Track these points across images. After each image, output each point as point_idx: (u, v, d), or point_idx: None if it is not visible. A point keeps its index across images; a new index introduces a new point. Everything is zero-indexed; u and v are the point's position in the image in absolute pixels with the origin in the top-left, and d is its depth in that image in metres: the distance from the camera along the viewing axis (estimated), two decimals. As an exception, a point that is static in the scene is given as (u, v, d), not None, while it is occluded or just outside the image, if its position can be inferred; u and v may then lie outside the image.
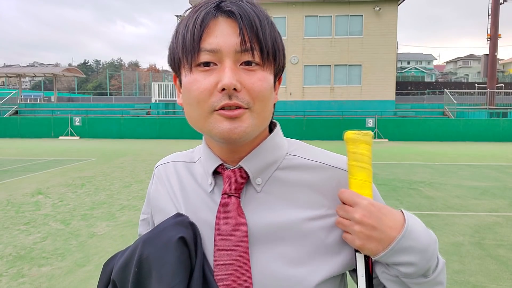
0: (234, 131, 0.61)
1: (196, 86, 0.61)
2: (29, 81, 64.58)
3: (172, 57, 0.65)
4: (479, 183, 7.77)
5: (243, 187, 0.67)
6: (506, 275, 3.43)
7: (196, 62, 0.61)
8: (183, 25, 0.63)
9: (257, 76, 0.61)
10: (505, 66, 58.26)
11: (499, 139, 19.47)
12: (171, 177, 0.77)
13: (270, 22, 0.64)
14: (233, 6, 0.61)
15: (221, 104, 0.60)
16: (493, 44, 22.86)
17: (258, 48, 0.61)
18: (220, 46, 0.60)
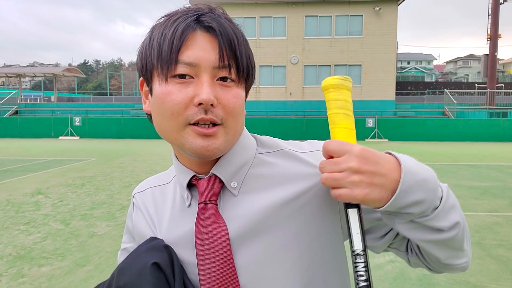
0: (208, 148, 0.61)
1: (170, 98, 0.60)
2: (29, 81, 64.60)
3: (144, 63, 0.64)
4: (479, 183, 7.77)
5: (219, 193, 0.67)
6: (506, 275, 3.43)
7: (172, 73, 0.60)
8: (158, 33, 0.62)
9: (232, 93, 0.62)
10: (505, 66, 58.28)
11: (499, 139, 19.47)
12: (148, 204, 0.76)
13: (245, 40, 0.66)
14: (213, 22, 0.61)
15: (196, 118, 0.60)
16: (493, 44, 22.87)
17: (235, 66, 0.62)
18: (198, 60, 0.60)
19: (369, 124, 20.25)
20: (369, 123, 20.25)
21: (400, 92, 30.44)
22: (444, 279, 3.32)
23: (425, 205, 0.57)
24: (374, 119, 20.29)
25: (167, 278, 0.61)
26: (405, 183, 0.56)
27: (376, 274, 3.45)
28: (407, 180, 0.56)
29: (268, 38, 22.80)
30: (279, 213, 0.65)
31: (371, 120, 20.28)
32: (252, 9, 22.55)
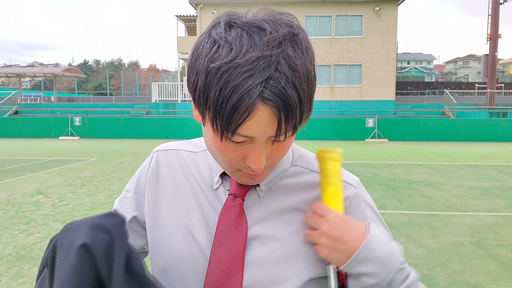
0: (252, 183, 0.68)
1: (225, 154, 0.62)
2: (29, 81, 64.58)
3: (199, 95, 0.57)
4: (479, 183, 7.77)
5: (248, 190, 0.71)
6: (506, 275, 3.43)
7: (228, 138, 0.58)
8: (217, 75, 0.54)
9: (283, 146, 0.63)
10: (505, 66, 58.27)
11: (499, 139, 19.46)
12: (173, 165, 0.78)
13: (310, 82, 0.58)
14: (276, 95, 0.54)
15: (246, 172, 0.64)
16: (493, 44, 22.86)
17: (292, 128, 0.58)
18: (255, 134, 0.57)
19: (369, 124, 20.25)
20: (369, 123, 20.25)
21: (400, 92, 30.42)
22: (444, 279, 3.32)
23: (376, 279, 0.63)
24: (374, 119, 20.28)
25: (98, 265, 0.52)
26: (360, 254, 0.62)
27: (376, 274, 3.44)
28: (363, 252, 0.62)
29: (268, 38, 22.78)
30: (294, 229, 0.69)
31: (371, 120, 20.28)
32: (251, 9, 22.54)
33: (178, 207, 0.73)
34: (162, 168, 0.78)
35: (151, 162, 0.80)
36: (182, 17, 24.33)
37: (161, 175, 0.78)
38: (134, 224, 0.80)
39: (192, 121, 20.78)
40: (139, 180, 0.81)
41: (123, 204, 0.82)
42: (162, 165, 0.79)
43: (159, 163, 0.79)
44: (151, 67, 71.75)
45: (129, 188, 0.82)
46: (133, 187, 0.81)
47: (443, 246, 4.15)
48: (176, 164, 0.78)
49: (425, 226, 4.89)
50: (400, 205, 6.00)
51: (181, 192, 0.74)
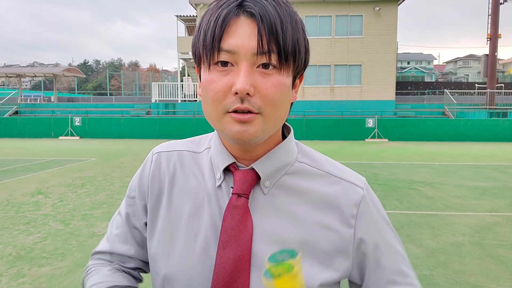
0: (243, 134, 0.62)
1: (212, 86, 0.62)
2: (29, 81, 64.58)
3: (193, 51, 0.66)
4: (479, 183, 7.77)
5: (252, 187, 0.68)
6: (506, 275, 3.43)
7: (215, 61, 0.61)
8: (205, 21, 0.63)
9: (272, 81, 0.61)
10: (505, 66, 58.26)
11: (499, 139, 19.46)
12: (175, 168, 0.75)
13: (295, 22, 0.63)
14: (255, 6, 0.60)
15: (233, 107, 0.61)
16: (493, 44, 22.86)
17: (276, 51, 0.60)
18: (237, 48, 0.59)
19: (369, 124, 20.25)
20: (369, 123, 20.25)
21: (400, 92, 30.42)
22: (444, 279, 3.32)
23: None
24: (374, 119, 20.28)
25: None
26: None
27: (376, 274, 3.44)
28: None
29: (268, 38, 22.78)
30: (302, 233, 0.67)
31: (371, 120, 20.28)
32: None
33: (183, 211, 0.71)
34: (163, 171, 0.75)
35: (151, 165, 0.77)
36: (182, 17, 24.33)
37: (162, 178, 0.75)
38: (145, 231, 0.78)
39: (192, 121, 20.80)
40: (140, 184, 0.77)
41: (133, 210, 0.78)
42: (163, 168, 0.76)
43: (161, 165, 0.76)
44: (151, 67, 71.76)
45: (133, 195, 0.79)
46: (137, 193, 0.78)
47: (443, 246, 4.15)
48: (179, 166, 0.75)
49: (425, 226, 4.89)
50: (400, 205, 6.00)
51: (185, 195, 0.72)
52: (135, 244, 0.78)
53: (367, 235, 0.69)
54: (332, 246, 0.67)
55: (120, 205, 0.83)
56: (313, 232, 0.67)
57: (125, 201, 0.80)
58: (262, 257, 0.64)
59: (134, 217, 0.78)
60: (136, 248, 0.78)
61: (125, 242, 0.78)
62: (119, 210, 0.82)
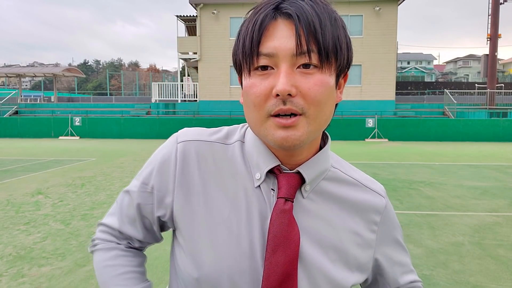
0: (288, 140, 0.61)
1: (253, 91, 0.61)
2: (29, 81, 64.59)
3: (234, 59, 0.66)
4: (479, 183, 7.77)
5: (296, 190, 0.68)
6: (506, 275, 3.43)
7: (254, 66, 0.61)
8: (245, 28, 0.63)
9: (314, 80, 0.60)
10: (505, 66, 58.26)
11: (499, 139, 19.47)
12: (206, 160, 0.70)
13: (334, 19, 0.62)
14: (292, 6, 0.59)
15: (275, 109, 0.59)
16: (493, 44, 22.86)
17: (316, 50, 0.59)
18: (276, 50, 0.59)
19: (369, 124, 20.25)
20: (369, 123, 20.25)
21: (400, 92, 30.43)
22: (444, 279, 3.32)
23: None
24: (374, 119, 20.28)
25: None
26: None
27: (376, 274, 3.44)
28: None
29: (268, 38, 22.79)
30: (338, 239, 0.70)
31: (371, 120, 20.28)
32: (252, 9, 22.55)
33: (222, 211, 0.68)
34: (193, 164, 0.70)
35: (177, 155, 0.70)
36: (182, 17, 24.33)
37: (193, 172, 0.70)
38: (156, 225, 0.75)
39: (192, 121, 20.80)
40: (161, 175, 0.71)
41: (145, 199, 0.73)
42: (193, 160, 0.70)
43: (190, 157, 0.70)
44: (151, 67, 71.73)
45: (147, 182, 0.72)
46: (155, 182, 0.71)
47: (443, 246, 4.15)
48: (211, 160, 0.70)
49: (425, 226, 4.89)
50: (400, 205, 6.00)
51: (222, 194, 0.69)
52: (144, 230, 0.76)
53: (386, 239, 0.77)
54: (360, 251, 0.72)
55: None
56: (346, 237, 0.70)
57: (139, 186, 0.74)
58: (306, 258, 0.67)
59: (145, 208, 0.73)
60: (144, 233, 0.77)
61: (134, 226, 0.76)
62: (128, 190, 0.76)
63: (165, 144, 0.74)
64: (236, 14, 22.44)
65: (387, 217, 0.76)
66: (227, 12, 22.52)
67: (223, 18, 22.56)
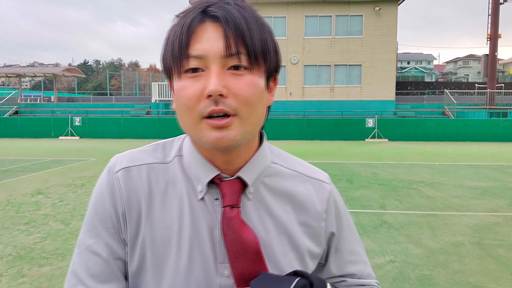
0: (223, 140, 0.61)
1: (184, 93, 0.61)
2: (29, 81, 64.59)
3: (164, 64, 0.66)
4: (479, 183, 7.77)
5: (239, 197, 0.68)
6: (506, 275, 3.43)
7: (184, 69, 0.61)
8: (173, 32, 0.63)
9: (245, 81, 0.61)
10: (505, 66, 58.26)
11: (499, 139, 19.47)
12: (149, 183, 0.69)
13: (260, 23, 0.64)
14: (219, 10, 0.61)
15: (208, 110, 0.60)
16: (493, 44, 22.86)
17: (245, 52, 0.60)
18: (206, 52, 0.60)
19: (369, 124, 20.25)
20: (369, 123, 20.25)
21: (400, 92, 30.41)
22: (444, 279, 3.32)
23: None
24: (374, 119, 20.28)
25: None
26: None
27: (376, 274, 3.44)
28: None
29: (268, 38, 22.78)
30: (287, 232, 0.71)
31: (371, 120, 20.28)
32: (252, 9, 22.54)
33: (170, 230, 0.66)
34: (137, 189, 0.68)
35: (120, 184, 0.68)
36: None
37: (139, 197, 0.68)
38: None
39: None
40: (105, 211, 0.67)
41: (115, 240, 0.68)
42: (137, 185, 0.68)
43: (133, 182, 0.68)
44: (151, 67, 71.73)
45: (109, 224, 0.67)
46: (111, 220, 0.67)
47: (443, 246, 4.15)
48: (153, 182, 0.69)
49: (425, 226, 4.89)
50: (400, 205, 6.00)
51: (167, 213, 0.67)
52: (121, 278, 0.69)
53: (335, 225, 0.76)
54: (311, 240, 0.73)
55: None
56: (296, 229, 0.71)
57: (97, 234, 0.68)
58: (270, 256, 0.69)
59: (116, 247, 0.68)
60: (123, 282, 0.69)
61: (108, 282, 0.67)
62: (89, 248, 0.67)
63: (101, 179, 0.70)
64: (236, 14, 22.43)
65: (333, 204, 0.76)
66: (227, 12, 22.52)
67: (223, 18, 22.57)
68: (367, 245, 4.17)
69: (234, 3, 0.62)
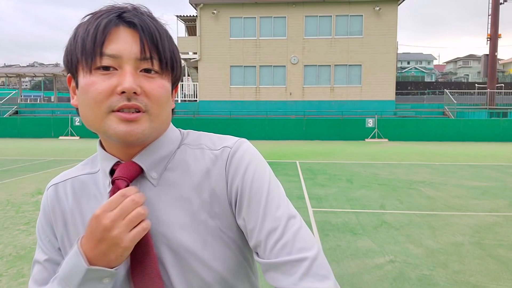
0: (131, 133, 0.64)
1: (94, 88, 0.63)
2: (29, 81, 64.56)
3: (69, 58, 0.67)
4: (479, 183, 7.77)
5: (135, 176, 0.69)
6: (506, 275, 3.43)
7: (96, 65, 0.63)
8: (83, 29, 0.65)
9: (157, 83, 0.66)
10: (505, 66, 58.25)
11: (499, 139, 19.46)
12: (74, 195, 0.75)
13: (169, 37, 0.69)
14: (135, 18, 0.65)
15: (119, 104, 0.62)
16: (493, 44, 22.86)
17: (157, 58, 0.65)
18: (121, 52, 0.63)
19: (369, 124, 20.25)
20: (369, 123, 20.25)
21: (400, 92, 30.43)
22: (444, 279, 3.32)
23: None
24: (374, 119, 20.28)
25: None
26: None
27: (376, 274, 3.44)
28: None
29: (268, 38, 22.80)
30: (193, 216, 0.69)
31: (371, 120, 20.27)
32: (252, 9, 22.55)
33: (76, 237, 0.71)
34: (63, 202, 0.75)
35: (48, 200, 0.76)
36: (182, 17, 24.33)
37: (63, 209, 0.74)
38: None
39: (192, 121, 20.80)
40: (44, 223, 0.76)
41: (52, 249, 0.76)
42: (62, 198, 0.75)
43: (58, 196, 0.76)
44: (151, 67, 71.60)
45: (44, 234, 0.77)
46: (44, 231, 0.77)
47: (443, 246, 4.15)
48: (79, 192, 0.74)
49: (425, 226, 4.89)
50: (400, 205, 6.00)
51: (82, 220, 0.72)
52: None
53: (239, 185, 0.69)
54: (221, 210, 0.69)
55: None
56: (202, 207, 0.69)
57: (39, 246, 0.78)
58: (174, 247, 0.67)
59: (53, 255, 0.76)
60: None
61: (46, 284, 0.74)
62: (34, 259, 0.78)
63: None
64: (236, 14, 22.44)
65: (234, 162, 0.70)
66: (227, 12, 22.51)
67: (223, 18, 22.56)
68: (367, 245, 4.18)
69: (147, 15, 0.67)
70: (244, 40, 22.63)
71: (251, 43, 22.65)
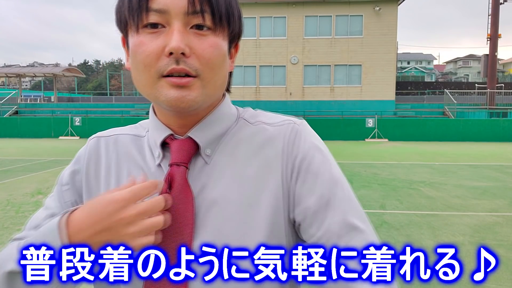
0: (182, 100, 0.58)
1: (142, 49, 0.58)
2: (29, 81, 64.59)
3: (119, 16, 0.62)
4: (479, 183, 7.77)
5: (191, 157, 0.64)
6: (506, 275, 3.43)
7: (143, 23, 0.57)
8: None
9: (208, 42, 0.58)
10: (505, 66, 58.26)
11: (499, 139, 19.46)
12: (116, 151, 0.70)
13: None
14: None
15: (168, 69, 0.57)
16: (493, 44, 22.86)
17: (209, 11, 0.58)
18: (168, 7, 0.56)
19: (369, 124, 20.25)
20: (369, 123, 20.25)
21: (400, 92, 30.43)
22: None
23: None
24: (374, 119, 20.28)
25: None
26: None
27: (376, 274, 3.44)
28: None
29: (268, 38, 22.81)
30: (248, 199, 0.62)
31: (371, 120, 20.28)
32: (252, 9, 22.55)
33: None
34: (101, 155, 0.70)
35: (87, 149, 0.72)
36: None
37: (100, 162, 0.70)
38: None
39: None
40: (74, 171, 0.71)
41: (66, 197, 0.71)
42: (102, 152, 0.71)
43: (99, 149, 0.71)
44: (151, 67, 71.66)
45: (66, 182, 0.71)
46: (69, 179, 0.71)
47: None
48: (121, 149, 0.70)
49: (425, 226, 4.89)
50: (400, 205, 6.00)
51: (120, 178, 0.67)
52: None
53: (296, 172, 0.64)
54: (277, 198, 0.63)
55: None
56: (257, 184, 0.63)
57: (54, 192, 0.73)
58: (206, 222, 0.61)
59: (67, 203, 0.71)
60: None
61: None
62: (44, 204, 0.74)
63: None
64: (236, 14, 22.45)
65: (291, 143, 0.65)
66: (227, 12, 22.54)
67: (223, 18, 22.59)
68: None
69: None
70: (244, 40, 22.62)
71: (251, 43, 22.65)
